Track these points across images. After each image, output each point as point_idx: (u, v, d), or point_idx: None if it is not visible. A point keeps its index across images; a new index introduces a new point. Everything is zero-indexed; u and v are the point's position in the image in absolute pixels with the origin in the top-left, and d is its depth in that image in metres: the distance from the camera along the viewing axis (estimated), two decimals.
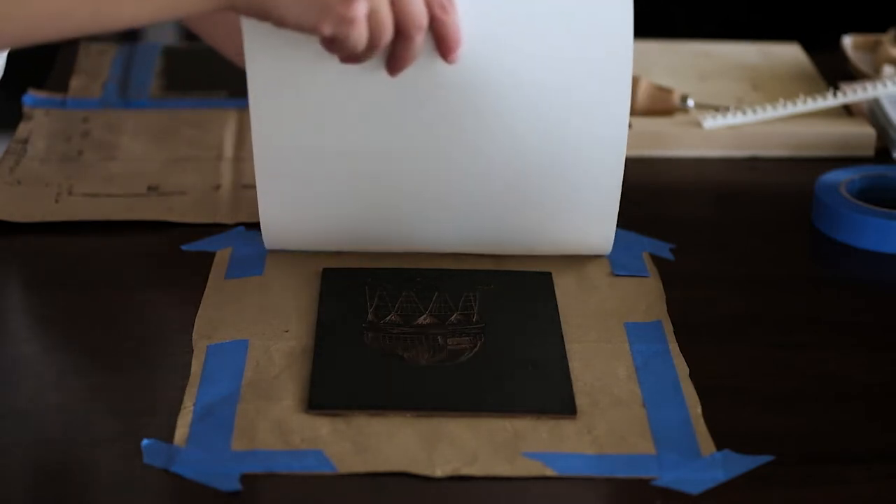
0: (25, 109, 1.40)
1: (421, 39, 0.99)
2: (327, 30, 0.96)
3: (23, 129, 1.36)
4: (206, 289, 1.09)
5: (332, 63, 1.01)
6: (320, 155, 1.07)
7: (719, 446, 0.93)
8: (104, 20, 0.93)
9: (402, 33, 0.98)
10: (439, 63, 1.02)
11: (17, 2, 0.90)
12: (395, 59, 1.00)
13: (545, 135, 1.06)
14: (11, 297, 1.11)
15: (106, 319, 1.07)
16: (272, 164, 1.07)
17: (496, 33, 1.03)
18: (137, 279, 1.12)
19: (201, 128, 1.38)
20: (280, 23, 0.96)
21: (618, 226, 1.19)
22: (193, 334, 1.03)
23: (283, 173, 1.08)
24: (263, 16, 0.96)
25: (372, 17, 0.96)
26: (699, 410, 0.96)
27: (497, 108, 1.05)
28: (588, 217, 1.10)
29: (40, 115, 1.39)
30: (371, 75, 1.03)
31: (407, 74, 1.02)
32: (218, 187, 1.26)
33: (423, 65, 1.02)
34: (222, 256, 1.14)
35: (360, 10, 0.95)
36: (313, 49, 1.01)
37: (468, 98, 1.04)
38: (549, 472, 0.90)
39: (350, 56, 0.99)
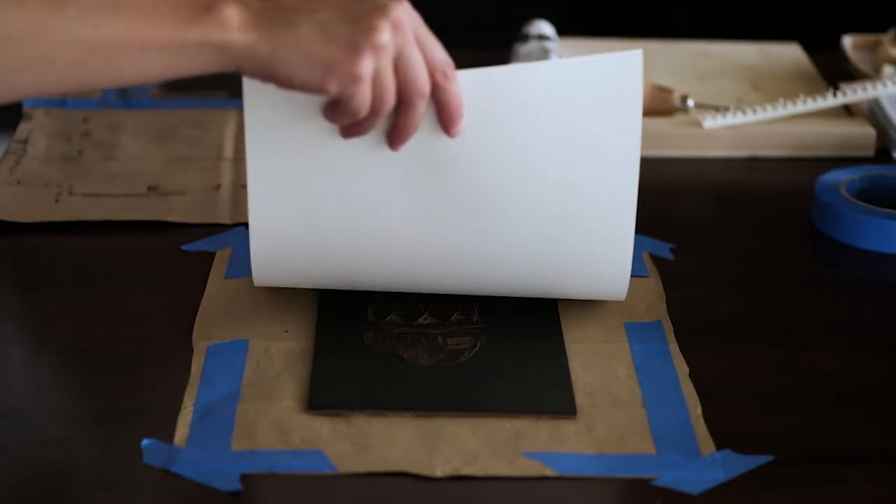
0: (25, 109, 1.40)
1: (422, 108, 0.96)
2: (333, 87, 0.92)
3: (23, 128, 1.36)
4: (206, 289, 1.09)
5: (333, 129, 1.00)
6: (317, 214, 1.03)
7: (719, 446, 0.93)
8: (114, 74, 0.90)
9: (404, 100, 0.95)
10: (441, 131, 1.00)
11: (32, 50, 0.89)
12: (397, 129, 0.98)
13: (552, 202, 1.03)
14: (11, 297, 1.11)
15: (106, 319, 1.07)
16: (267, 217, 1.03)
17: (499, 107, 1.01)
18: (137, 279, 1.12)
19: (201, 128, 1.38)
20: (288, 83, 0.93)
21: None
22: (193, 334, 1.03)
23: (278, 229, 1.04)
24: (271, 77, 0.93)
25: (376, 79, 0.93)
26: (699, 410, 0.96)
27: (502, 173, 1.02)
28: (602, 267, 1.05)
29: (40, 115, 1.39)
30: (373, 140, 1.01)
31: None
32: (218, 187, 1.26)
33: (426, 130, 1.00)
34: (222, 256, 1.14)
35: (367, 68, 0.92)
36: (314, 113, 0.99)
37: (471, 164, 1.02)
38: (549, 472, 0.90)
39: (352, 126, 0.97)
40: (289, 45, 0.90)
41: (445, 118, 0.98)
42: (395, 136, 0.98)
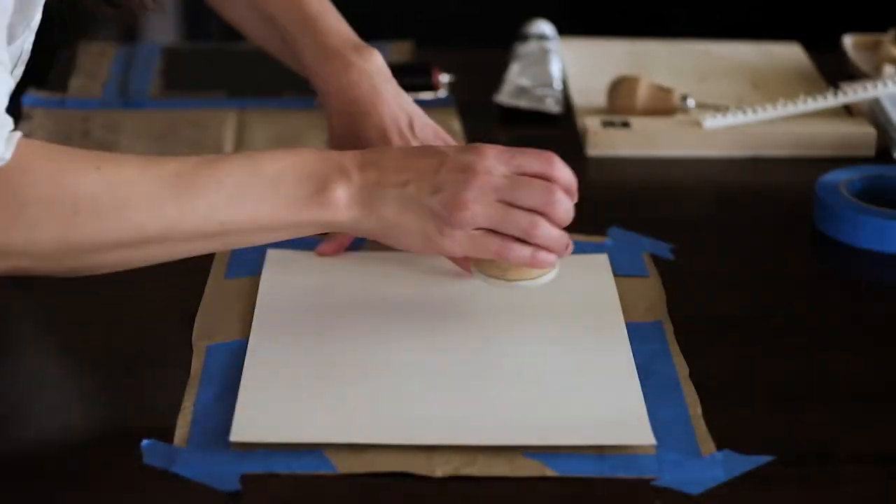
0: (25, 109, 1.40)
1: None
2: (436, 252, 0.99)
3: (22, 128, 1.35)
4: (206, 289, 1.09)
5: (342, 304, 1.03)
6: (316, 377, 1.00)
7: (719, 446, 0.92)
8: (228, 247, 1.01)
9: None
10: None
11: (162, 250, 0.96)
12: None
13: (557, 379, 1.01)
14: (11, 297, 1.11)
15: (106, 319, 1.07)
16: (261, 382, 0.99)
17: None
18: (137, 279, 1.12)
19: (201, 128, 1.38)
20: (397, 246, 1.00)
21: (618, 226, 1.19)
22: (193, 334, 1.03)
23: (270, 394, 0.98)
24: (381, 241, 1.00)
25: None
26: (699, 410, 0.96)
27: (507, 359, 1.01)
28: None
29: (40, 115, 1.39)
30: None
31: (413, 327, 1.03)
32: None
33: (434, 315, 1.04)
34: (222, 256, 1.14)
35: (454, 246, 0.98)
36: (325, 296, 1.03)
37: (478, 347, 1.02)
38: (549, 472, 0.90)
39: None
40: (385, 224, 0.97)
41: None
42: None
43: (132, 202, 0.93)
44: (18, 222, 0.90)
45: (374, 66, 1.15)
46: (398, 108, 1.15)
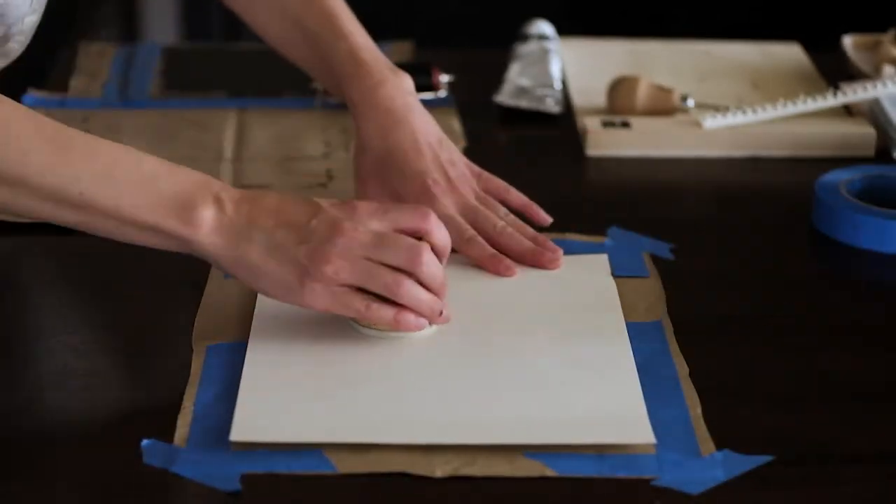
0: None
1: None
2: (295, 303, 0.98)
3: None
4: (206, 289, 1.09)
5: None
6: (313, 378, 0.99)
7: (719, 446, 0.93)
8: (90, 228, 0.98)
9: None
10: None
11: (27, 196, 0.96)
12: None
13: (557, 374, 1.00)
14: (11, 298, 1.11)
15: (106, 319, 1.07)
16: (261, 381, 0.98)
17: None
18: (137, 279, 1.12)
19: (201, 128, 1.38)
20: (251, 287, 1.00)
21: (618, 226, 1.19)
22: (193, 334, 1.03)
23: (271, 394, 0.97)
24: (234, 276, 0.99)
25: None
26: (699, 410, 0.96)
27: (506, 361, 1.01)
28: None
29: None
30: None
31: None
32: None
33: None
34: None
35: (316, 301, 0.98)
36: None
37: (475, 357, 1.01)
38: (550, 472, 0.90)
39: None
40: (247, 264, 0.97)
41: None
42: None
43: (1, 136, 0.94)
44: None
45: (407, 86, 1.19)
46: (429, 124, 1.19)
